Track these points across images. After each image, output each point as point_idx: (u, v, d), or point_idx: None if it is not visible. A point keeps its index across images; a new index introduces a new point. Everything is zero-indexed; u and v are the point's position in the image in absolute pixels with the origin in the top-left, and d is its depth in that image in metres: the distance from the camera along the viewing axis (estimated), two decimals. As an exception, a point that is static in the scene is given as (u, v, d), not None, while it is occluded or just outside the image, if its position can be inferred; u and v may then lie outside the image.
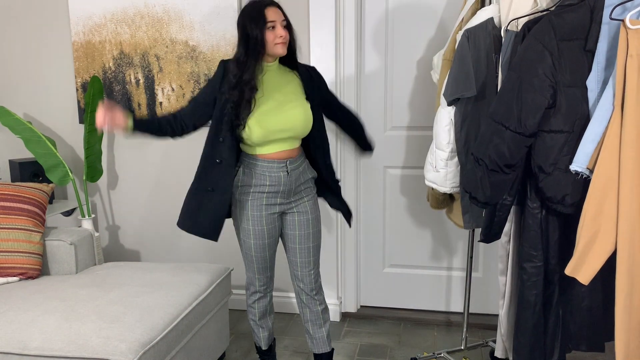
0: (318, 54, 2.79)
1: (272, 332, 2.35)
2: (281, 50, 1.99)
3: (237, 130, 2.03)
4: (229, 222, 3.18)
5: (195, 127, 2.18)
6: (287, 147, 2.09)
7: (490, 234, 2.04)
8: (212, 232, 2.12)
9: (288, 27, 2.03)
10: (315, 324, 2.26)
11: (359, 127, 2.34)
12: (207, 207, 2.13)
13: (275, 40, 1.97)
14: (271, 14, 1.96)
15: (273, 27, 1.96)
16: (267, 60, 2.04)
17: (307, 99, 2.10)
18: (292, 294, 3.08)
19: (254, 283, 2.22)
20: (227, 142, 2.07)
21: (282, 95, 2.06)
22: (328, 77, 2.77)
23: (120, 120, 1.96)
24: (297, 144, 2.13)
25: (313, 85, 2.14)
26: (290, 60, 2.09)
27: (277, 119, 2.03)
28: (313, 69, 2.19)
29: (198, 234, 2.14)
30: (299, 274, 2.22)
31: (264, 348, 2.35)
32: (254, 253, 2.16)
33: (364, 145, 2.37)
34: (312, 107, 2.10)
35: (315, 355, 2.30)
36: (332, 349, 2.31)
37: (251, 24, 1.95)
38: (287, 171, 2.09)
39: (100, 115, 1.92)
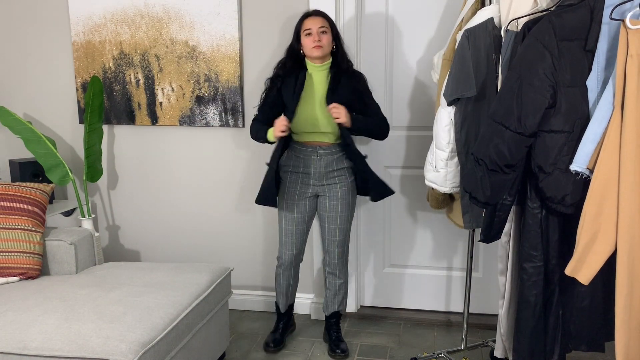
0: (318, 54, 2.79)
1: (290, 299, 2.75)
2: (316, 53, 2.36)
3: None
4: (223, 223, 3.20)
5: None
6: (317, 138, 2.46)
7: (491, 234, 2.04)
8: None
9: (336, 37, 2.42)
10: (331, 293, 2.69)
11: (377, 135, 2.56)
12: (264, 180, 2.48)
13: (311, 45, 2.35)
14: (309, 22, 2.37)
15: (309, 34, 2.36)
16: (313, 62, 2.43)
17: (341, 101, 2.37)
18: (297, 294, 3.08)
19: (282, 256, 2.62)
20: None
21: (319, 96, 2.42)
22: (328, 77, 2.77)
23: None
24: (327, 138, 2.46)
25: (353, 89, 2.44)
26: (339, 64, 2.44)
27: (304, 116, 2.42)
28: (359, 75, 2.51)
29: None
30: (326, 248, 2.62)
31: (282, 311, 2.76)
32: (283, 225, 2.56)
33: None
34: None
35: (326, 317, 2.75)
36: (339, 311, 2.72)
37: (294, 33, 2.43)
38: (317, 155, 2.46)
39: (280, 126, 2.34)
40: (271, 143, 2.46)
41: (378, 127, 2.51)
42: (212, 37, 2.88)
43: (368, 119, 2.48)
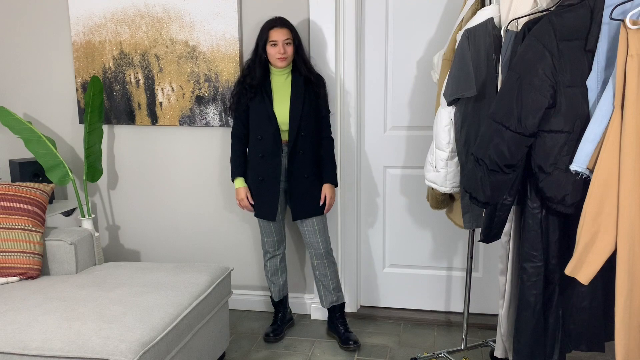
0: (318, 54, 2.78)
1: (282, 288, 2.86)
2: (280, 64, 2.53)
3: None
4: (223, 223, 3.20)
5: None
6: (284, 136, 2.59)
7: (490, 234, 2.04)
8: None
9: (298, 45, 2.56)
10: (324, 284, 2.74)
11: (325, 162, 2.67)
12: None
13: (276, 56, 2.50)
14: (274, 34, 2.50)
15: (275, 45, 2.50)
16: (275, 67, 2.56)
17: (303, 101, 2.56)
18: (296, 294, 3.08)
19: (264, 245, 2.77)
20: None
21: (279, 96, 2.58)
22: (328, 76, 2.77)
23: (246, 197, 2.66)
24: (287, 136, 2.59)
25: (312, 90, 2.60)
26: (299, 69, 2.59)
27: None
28: (318, 78, 2.63)
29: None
30: (306, 241, 2.71)
31: (275, 300, 2.87)
32: (259, 222, 2.74)
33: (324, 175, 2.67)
34: (303, 109, 2.56)
35: (329, 311, 2.82)
36: (343, 303, 2.80)
37: (260, 41, 2.54)
38: (283, 153, 2.58)
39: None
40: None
41: (334, 156, 2.70)
42: (212, 37, 2.88)
43: (332, 162, 2.67)
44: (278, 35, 2.49)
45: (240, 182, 2.66)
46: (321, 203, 2.62)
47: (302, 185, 2.61)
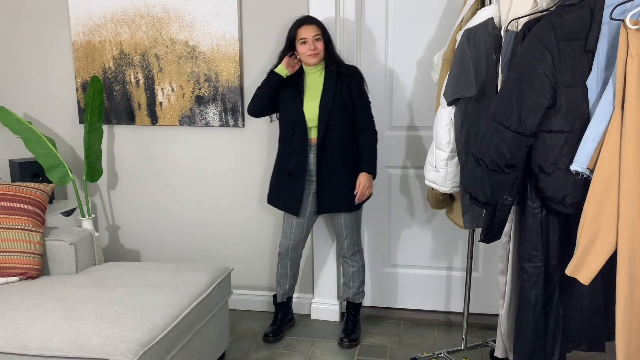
0: (318, 54, 2.78)
1: (286, 292, 2.85)
2: (312, 61, 2.51)
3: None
4: (223, 223, 3.20)
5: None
6: (313, 134, 2.56)
7: (491, 234, 2.04)
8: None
9: (327, 41, 2.53)
10: (344, 280, 2.83)
11: (364, 151, 2.60)
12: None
13: (307, 53, 2.49)
14: (303, 32, 2.49)
15: (304, 42, 2.48)
16: (308, 66, 2.56)
17: (333, 95, 2.53)
18: (297, 294, 3.08)
19: (280, 244, 2.76)
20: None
21: (311, 94, 2.56)
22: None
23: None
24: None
25: (344, 82, 2.55)
26: (330, 65, 2.55)
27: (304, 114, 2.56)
28: (350, 71, 2.58)
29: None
30: (337, 238, 2.79)
31: (278, 301, 2.87)
32: (285, 216, 2.71)
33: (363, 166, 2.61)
34: (333, 103, 2.52)
35: (347, 302, 2.88)
36: (360, 303, 2.85)
37: (287, 40, 2.54)
38: (314, 152, 2.57)
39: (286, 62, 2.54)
40: (271, 91, 2.56)
41: (376, 149, 2.62)
42: (212, 37, 2.88)
43: (370, 152, 2.59)
44: (307, 32, 2.48)
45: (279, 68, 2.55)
46: (355, 192, 2.56)
47: (328, 180, 2.58)
